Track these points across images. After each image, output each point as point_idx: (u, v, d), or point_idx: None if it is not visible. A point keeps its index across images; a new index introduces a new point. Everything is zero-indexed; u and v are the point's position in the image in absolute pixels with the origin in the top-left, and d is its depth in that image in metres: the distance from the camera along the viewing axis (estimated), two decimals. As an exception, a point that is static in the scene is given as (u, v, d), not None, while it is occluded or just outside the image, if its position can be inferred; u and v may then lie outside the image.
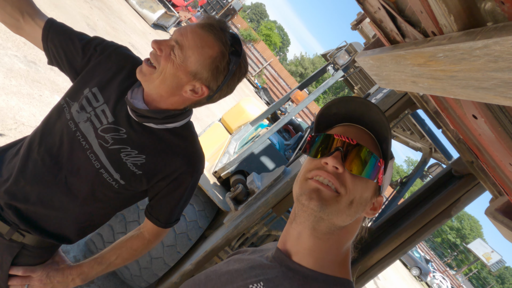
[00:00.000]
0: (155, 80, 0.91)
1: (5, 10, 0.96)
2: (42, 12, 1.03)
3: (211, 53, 0.90)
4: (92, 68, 1.01)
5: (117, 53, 1.04)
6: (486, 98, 0.48)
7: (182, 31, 0.90)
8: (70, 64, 1.02)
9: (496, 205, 1.14)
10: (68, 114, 0.98)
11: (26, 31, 1.01)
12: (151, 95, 0.97)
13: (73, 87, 1.01)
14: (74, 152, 0.96)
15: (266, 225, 2.14)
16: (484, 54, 0.40)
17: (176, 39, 0.90)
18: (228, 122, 3.94)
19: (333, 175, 0.61)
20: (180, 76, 0.91)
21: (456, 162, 1.92)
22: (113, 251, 1.10)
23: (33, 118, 3.03)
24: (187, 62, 0.90)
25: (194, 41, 0.89)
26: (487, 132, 0.83)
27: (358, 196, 0.62)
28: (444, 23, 0.56)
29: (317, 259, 0.63)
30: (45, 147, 0.97)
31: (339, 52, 2.55)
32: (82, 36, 1.04)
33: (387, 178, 0.67)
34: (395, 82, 0.81)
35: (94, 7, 7.04)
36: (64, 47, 1.01)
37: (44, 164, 0.96)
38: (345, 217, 0.61)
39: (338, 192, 0.60)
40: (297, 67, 47.89)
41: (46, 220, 1.00)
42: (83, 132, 0.96)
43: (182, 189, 1.05)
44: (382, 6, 0.80)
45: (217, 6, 21.23)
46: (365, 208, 0.64)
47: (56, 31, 1.01)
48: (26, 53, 3.66)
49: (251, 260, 0.69)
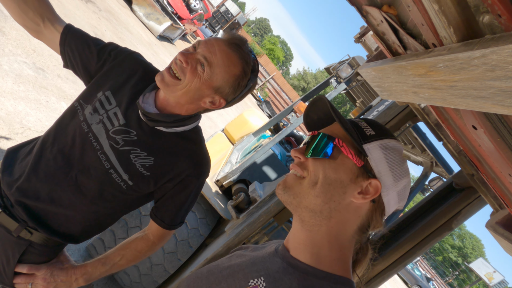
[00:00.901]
0: (178, 91, 0.96)
1: (27, 15, 1.01)
2: (61, 18, 1.09)
3: (236, 71, 0.96)
4: (106, 72, 1.05)
5: (130, 59, 1.08)
6: (485, 107, 0.50)
7: (210, 48, 0.94)
8: (85, 67, 1.07)
9: (496, 218, 1.16)
10: (81, 115, 1.01)
11: (46, 35, 1.06)
12: (167, 101, 1.01)
13: (87, 90, 1.05)
14: (85, 152, 0.99)
15: (266, 234, 2.14)
16: (482, 63, 0.42)
17: (205, 56, 0.93)
18: (231, 132, 3.97)
19: (296, 164, 0.68)
20: (204, 90, 0.96)
21: (457, 175, 1.94)
22: (117, 252, 1.12)
23: (39, 123, 3.08)
24: (213, 78, 0.95)
25: (222, 59, 0.94)
26: (486, 142, 0.85)
27: (322, 176, 0.64)
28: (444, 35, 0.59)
29: (312, 254, 0.64)
30: (58, 147, 1.01)
31: (342, 65, 2.60)
32: (98, 42, 1.08)
33: (378, 161, 0.65)
34: (396, 93, 0.83)
35: (102, 18, 7.19)
36: (80, 51, 1.05)
37: (56, 163, 1.00)
38: (312, 197, 0.64)
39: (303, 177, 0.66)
40: (299, 81, 48.29)
41: (54, 218, 1.03)
42: (95, 133, 0.99)
43: (188, 191, 1.07)
44: (385, 19, 0.84)
45: (222, 20, 21.60)
46: (343, 189, 0.63)
47: (73, 36, 1.06)
48: (35, 60, 3.74)
49: (253, 255, 0.71)
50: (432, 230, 1.91)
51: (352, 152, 0.65)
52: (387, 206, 0.67)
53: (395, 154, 0.67)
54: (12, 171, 1.04)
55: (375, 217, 0.67)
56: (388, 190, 0.65)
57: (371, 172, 0.65)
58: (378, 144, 0.66)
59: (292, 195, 0.66)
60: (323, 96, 0.72)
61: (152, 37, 10.08)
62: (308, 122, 0.78)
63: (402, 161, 0.68)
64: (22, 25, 1.04)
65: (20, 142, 1.17)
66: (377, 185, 0.64)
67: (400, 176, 0.67)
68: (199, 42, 0.97)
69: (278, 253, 0.68)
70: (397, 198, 0.67)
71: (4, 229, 1.01)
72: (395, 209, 0.69)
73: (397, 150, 0.68)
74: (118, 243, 2.15)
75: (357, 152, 0.65)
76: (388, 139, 0.68)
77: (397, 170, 0.66)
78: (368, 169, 0.65)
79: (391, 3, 0.82)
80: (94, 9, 7.22)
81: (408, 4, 0.65)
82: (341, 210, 0.64)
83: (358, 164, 0.64)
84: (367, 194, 0.64)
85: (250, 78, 0.99)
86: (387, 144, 0.67)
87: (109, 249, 2.16)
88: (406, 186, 0.68)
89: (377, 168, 0.65)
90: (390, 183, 0.65)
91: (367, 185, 0.64)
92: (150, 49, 8.85)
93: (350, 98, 3.81)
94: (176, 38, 12.08)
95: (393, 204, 0.67)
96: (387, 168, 0.65)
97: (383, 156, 0.65)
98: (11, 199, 1.01)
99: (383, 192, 0.65)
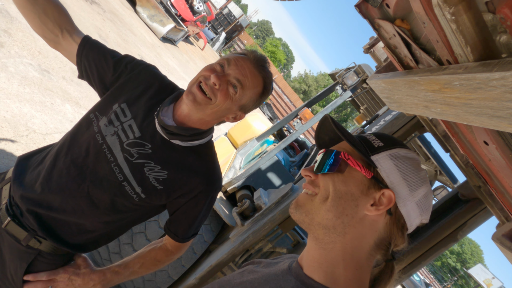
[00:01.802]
0: (208, 110, 0.99)
1: (46, 26, 1.02)
2: (79, 29, 1.09)
3: (260, 90, 1.02)
4: (122, 84, 1.06)
5: (146, 71, 1.09)
6: (500, 126, 0.51)
7: (242, 70, 0.98)
8: (100, 79, 1.07)
9: (503, 230, 1.15)
10: (96, 127, 1.01)
11: (63, 46, 1.06)
12: (189, 117, 1.02)
13: (102, 102, 1.06)
14: (99, 163, 0.99)
15: (270, 241, 2.14)
16: (501, 85, 0.43)
17: (238, 79, 0.97)
18: (234, 136, 3.98)
19: (308, 183, 0.69)
20: (233, 109, 1.01)
21: (463, 186, 1.93)
22: (137, 259, 1.12)
23: (44, 126, 3.08)
24: (242, 99, 1.00)
25: (252, 82, 0.99)
26: (498, 158, 0.85)
27: (332, 189, 0.64)
28: (460, 52, 0.59)
29: (326, 273, 0.62)
30: (71, 157, 1.01)
31: (348, 73, 2.61)
32: (115, 54, 1.09)
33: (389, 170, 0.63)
34: (406, 105, 0.83)
35: (106, 19, 7.21)
36: (97, 63, 1.06)
37: (69, 174, 0.99)
38: (324, 212, 0.63)
39: (315, 194, 0.66)
40: (300, 84, 48.34)
41: (65, 227, 1.02)
42: (109, 145, 0.99)
43: (200, 207, 1.08)
44: (398, 33, 0.84)
45: (224, 22, 21.65)
46: (355, 202, 0.62)
47: (90, 47, 1.06)
48: (40, 62, 3.75)
49: (265, 272, 0.70)
50: (437, 241, 1.90)
51: (359, 164, 0.65)
52: (407, 219, 0.64)
53: (408, 163, 0.66)
54: (24, 180, 1.03)
55: (394, 231, 0.64)
56: (404, 200, 0.63)
57: (383, 182, 0.63)
58: (387, 154, 0.65)
59: (304, 213, 0.66)
60: (327, 115, 0.72)
61: (156, 38, 10.10)
62: (320, 144, 0.78)
63: (417, 169, 0.66)
64: (41, 36, 1.05)
65: (31, 150, 1.17)
66: (390, 195, 0.62)
67: (416, 185, 0.64)
68: (228, 61, 0.99)
69: (291, 270, 0.67)
70: (417, 210, 0.64)
71: (12, 238, 1.01)
72: (420, 222, 0.66)
73: (409, 159, 0.67)
74: (122, 248, 2.15)
75: (365, 164, 0.65)
76: (397, 148, 0.67)
77: (412, 179, 0.64)
78: (379, 179, 0.63)
79: (404, 17, 0.83)
80: (99, 10, 7.24)
81: (423, 21, 0.65)
82: (356, 224, 0.63)
83: (367, 175, 0.63)
84: (380, 205, 0.62)
85: (268, 94, 1.06)
86: (397, 154, 0.66)
87: (114, 254, 2.17)
88: (426, 196, 0.65)
89: (388, 178, 0.63)
90: (405, 193, 0.63)
91: (380, 196, 0.63)
92: (153, 51, 8.87)
93: (354, 105, 3.82)
94: (179, 40, 12.10)
95: (414, 216, 0.64)
96: (399, 178, 0.64)
97: (393, 165, 0.64)
98: (22, 208, 1.00)
99: (399, 203, 0.63)
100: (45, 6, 0.99)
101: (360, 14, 0.94)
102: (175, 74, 9.13)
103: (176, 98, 1.06)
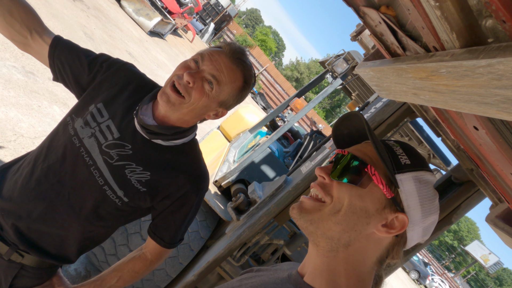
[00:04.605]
0: (184, 109, 0.94)
1: (13, 28, 0.96)
2: (49, 30, 1.04)
3: (240, 84, 0.97)
4: (98, 84, 1.02)
5: (123, 70, 1.05)
6: (489, 113, 0.49)
7: (217, 65, 0.92)
8: (76, 80, 1.03)
9: (496, 212, 1.15)
10: (72, 129, 0.97)
11: (34, 48, 1.02)
12: (168, 117, 0.97)
13: (79, 104, 1.02)
14: (77, 168, 0.95)
15: (267, 234, 2.14)
16: (487, 72, 0.41)
17: (213, 74, 0.92)
18: (227, 129, 3.94)
19: (319, 186, 0.63)
20: (211, 106, 0.96)
21: (456, 169, 1.94)
22: (114, 273, 1.07)
23: (32, 129, 3.03)
24: (220, 95, 0.94)
25: (229, 76, 0.93)
26: (488, 142, 0.84)
27: (346, 203, 0.60)
28: (446, 39, 0.57)
29: (328, 281, 0.60)
30: (48, 164, 0.97)
31: (337, 60, 2.57)
32: (89, 53, 1.04)
33: (410, 194, 0.59)
34: (396, 93, 0.82)
35: (91, 16, 7.05)
36: (71, 64, 1.01)
37: (47, 181, 0.96)
38: (332, 224, 0.60)
39: (324, 201, 0.62)
40: (292, 72, 48.15)
41: (47, 239, 0.99)
42: (87, 148, 0.95)
43: (187, 208, 1.04)
44: (383, 20, 0.82)
45: (212, 13, 21.35)
46: (368, 220, 0.59)
47: (62, 48, 1.01)
48: (24, 64, 3.66)
49: (264, 280, 0.69)
50: (432, 225, 1.91)
51: (383, 181, 0.59)
52: (409, 241, 0.62)
53: (428, 189, 0.62)
54: (1, 192, 1.00)
55: (395, 250, 0.62)
56: (414, 225, 0.61)
57: (400, 205, 0.60)
58: (412, 176, 0.60)
59: (309, 221, 0.61)
60: (359, 113, 0.67)
61: (143, 33, 9.93)
62: (336, 135, 0.72)
63: (434, 196, 0.63)
64: (9, 39, 1.00)
65: (14, 157, 1.13)
66: (404, 220, 0.59)
67: (429, 212, 0.62)
68: (201, 56, 0.94)
69: (291, 278, 0.65)
70: (421, 234, 0.62)
71: None
72: (417, 243, 0.64)
73: (430, 184, 0.63)
74: (118, 250, 2.14)
75: (388, 182, 0.60)
76: (423, 171, 0.62)
77: (428, 206, 0.61)
78: (398, 201, 0.60)
79: (389, 4, 0.80)
80: (82, 7, 7.07)
81: (408, 8, 0.63)
82: (361, 239, 0.60)
83: (388, 195, 0.59)
84: (392, 229, 0.59)
85: (250, 87, 1.00)
86: (422, 177, 0.61)
87: (110, 256, 2.15)
88: (433, 223, 0.63)
89: (406, 202, 0.60)
90: (417, 219, 0.60)
91: (393, 219, 0.60)
92: (141, 46, 8.73)
93: (345, 91, 3.79)
94: (167, 33, 11.92)
95: (416, 238, 0.63)
96: (417, 203, 0.60)
97: (415, 189, 0.60)
98: (1, 221, 0.97)
99: (409, 227, 0.60)
100: (10, 7, 0.94)
101: (345, 2, 0.91)
102: (165, 68, 9.01)
103: (155, 96, 1.01)
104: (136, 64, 7.65)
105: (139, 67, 8.35)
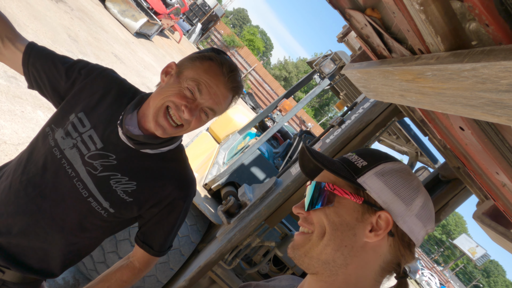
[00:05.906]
0: (178, 134, 0.96)
1: None
2: (22, 36, 1.00)
3: (229, 102, 0.98)
4: (77, 92, 0.98)
5: (103, 76, 1.01)
6: (474, 115, 0.50)
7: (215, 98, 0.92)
8: (53, 88, 0.99)
9: (483, 209, 1.17)
10: (52, 140, 0.94)
11: (6, 56, 0.98)
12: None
13: (58, 113, 0.98)
14: (59, 180, 0.92)
15: (259, 236, 2.13)
16: (472, 75, 0.42)
17: (212, 108, 0.93)
18: (216, 131, 3.92)
19: (302, 221, 0.66)
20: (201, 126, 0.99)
21: (443, 167, 1.96)
22: (101, 284, 1.05)
23: (15, 136, 2.95)
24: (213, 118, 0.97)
25: (225, 104, 0.95)
26: (474, 142, 0.85)
27: (327, 224, 0.61)
28: (431, 42, 0.58)
29: None
30: (27, 176, 0.93)
31: (325, 61, 2.58)
32: (65, 60, 1.01)
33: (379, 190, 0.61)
34: (383, 94, 0.82)
35: (75, 18, 6.92)
36: (47, 71, 0.98)
37: (27, 194, 0.92)
38: (322, 247, 0.61)
39: (311, 232, 0.64)
40: (281, 71, 48.23)
41: (30, 253, 0.95)
42: (69, 159, 0.92)
43: (175, 215, 1.03)
44: (369, 23, 0.82)
45: (199, 13, 21.23)
46: (352, 232, 0.60)
47: (37, 55, 0.98)
48: (6, 68, 3.56)
49: None
50: (421, 223, 1.93)
51: (347, 191, 0.61)
52: (411, 235, 0.60)
53: (396, 177, 0.62)
54: None
55: (401, 251, 0.61)
56: (403, 217, 0.60)
57: (376, 205, 0.60)
58: (373, 173, 0.62)
59: (302, 254, 0.62)
60: (304, 146, 0.69)
61: (129, 34, 9.81)
62: (307, 172, 0.74)
63: (408, 180, 0.63)
64: None
65: None
66: (387, 216, 0.59)
67: (410, 198, 0.61)
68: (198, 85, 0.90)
69: None
70: (419, 222, 0.60)
71: None
72: (426, 233, 0.63)
73: (397, 172, 0.63)
74: (107, 257, 2.10)
75: (353, 190, 0.62)
76: (382, 164, 0.63)
77: (404, 192, 0.61)
78: (372, 202, 0.60)
79: (374, 6, 0.81)
80: (66, 8, 6.93)
81: (393, 11, 0.63)
82: (357, 254, 0.60)
83: (358, 201, 0.60)
84: (379, 230, 0.59)
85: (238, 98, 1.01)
86: (383, 170, 0.62)
87: (99, 264, 2.11)
88: (424, 205, 0.62)
89: (380, 199, 0.60)
90: (401, 210, 0.60)
91: (377, 220, 0.60)
92: (128, 48, 8.61)
93: (333, 91, 3.81)
94: (153, 34, 11.80)
95: (418, 230, 0.61)
96: (391, 195, 0.60)
97: (382, 183, 0.61)
98: None
99: (398, 222, 0.59)
100: None
101: (331, 5, 0.91)
102: (151, 70, 8.91)
103: (139, 103, 0.99)
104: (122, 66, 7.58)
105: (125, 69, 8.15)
